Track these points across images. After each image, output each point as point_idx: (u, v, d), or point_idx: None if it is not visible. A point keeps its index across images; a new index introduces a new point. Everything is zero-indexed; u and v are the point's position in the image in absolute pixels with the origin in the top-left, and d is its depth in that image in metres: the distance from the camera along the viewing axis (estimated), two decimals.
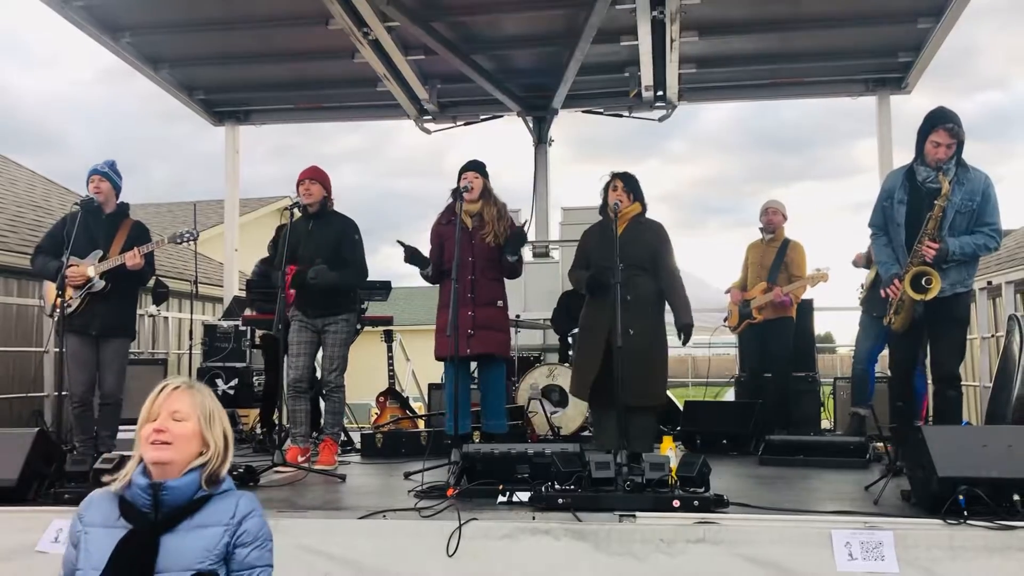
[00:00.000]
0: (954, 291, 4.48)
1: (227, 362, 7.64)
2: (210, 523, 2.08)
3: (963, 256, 4.42)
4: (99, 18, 7.26)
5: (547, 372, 6.93)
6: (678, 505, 3.52)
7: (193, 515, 2.08)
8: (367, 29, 6.89)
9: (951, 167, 4.43)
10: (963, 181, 4.43)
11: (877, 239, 4.77)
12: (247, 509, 2.14)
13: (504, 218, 5.26)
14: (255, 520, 2.14)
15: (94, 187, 5.33)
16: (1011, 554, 3.18)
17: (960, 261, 4.45)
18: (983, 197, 4.42)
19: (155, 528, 2.05)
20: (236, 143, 9.02)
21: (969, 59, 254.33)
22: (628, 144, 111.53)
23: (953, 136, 4.38)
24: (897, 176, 4.70)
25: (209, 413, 2.17)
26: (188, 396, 2.16)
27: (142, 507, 2.08)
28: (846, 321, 12.75)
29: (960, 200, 4.42)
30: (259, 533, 2.14)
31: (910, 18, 7.04)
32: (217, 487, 2.14)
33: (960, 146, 4.43)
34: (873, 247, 4.87)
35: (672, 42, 6.78)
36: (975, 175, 4.46)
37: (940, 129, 4.40)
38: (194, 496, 2.10)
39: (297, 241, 5.35)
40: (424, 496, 3.93)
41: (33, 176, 12.43)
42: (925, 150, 4.47)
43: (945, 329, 4.51)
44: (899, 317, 4.54)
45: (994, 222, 4.43)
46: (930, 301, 4.44)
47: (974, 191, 4.42)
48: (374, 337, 7.32)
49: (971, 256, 4.46)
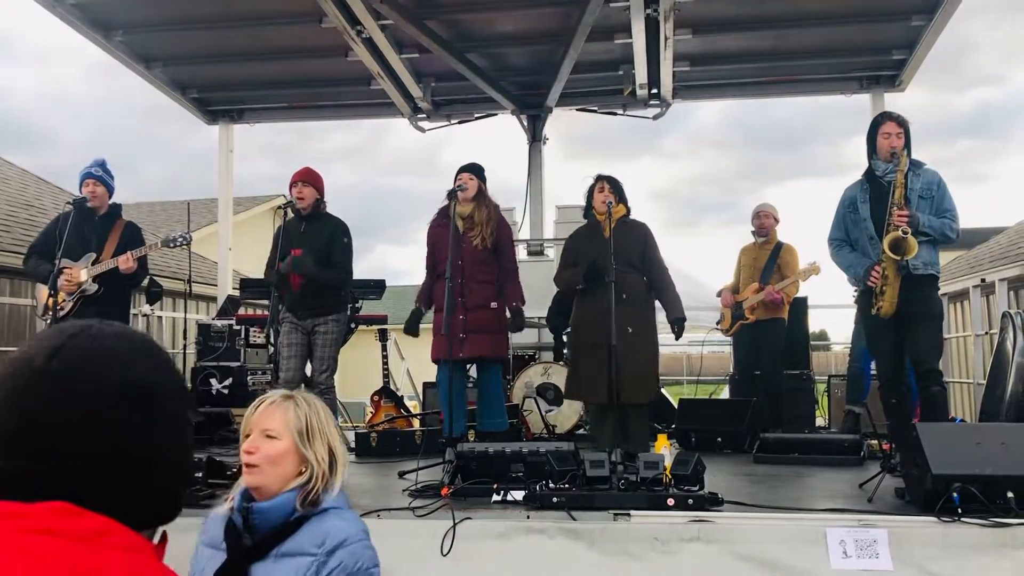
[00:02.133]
0: (927, 271, 4.60)
1: (221, 361, 7.61)
2: (298, 551, 1.85)
3: (931, 230, 4.55)
4: (91, 17, 7.23)
5: (542, 370, 6.92)
6: (673, 503, 3.52)
7: (284, 541, 1.86)
8: (360, 27, 6.88)
9: (906, 156, 4.65)
10: (919, 173, 4.69)
11: (840, 249, 4.89)
12: (341, 537, 1.85)
13: (493, 220, 5.26)
14: (351, 549, 1.85)
15: (89, 191, 5.31)
16: (1005, 552, 3.19)
17: (928, 238, 4.57)
18: (939, 188, 4.66)
19: (248, 554, 1.89)
20: (230, 142, 8.99)
21: (963, 55, 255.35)
22: (622, 142, 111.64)
23: (900, 125, 4.68)
24: (855, 185, 4.89)
25: (307, 428, 1.94)
26: (281, 411, 1.95)
27: (239, 531, 1.92)
28: (840, 319, 12.81)
29: (921, 187, 4.64)
30: (356, 566, 1.84)
31: (904, 16, 7.04)
32: (316, 507, 1.89)
33: (908, 135, 4.68)
34: (837, 258, 4.94)
35: (666, 40, 6.77)
36: (928, 169, 4.74)
37: (887, 121, 4.72)
38: (288, 519, 1.89)
39: (289, 241, 5.34)
40: (418, 495, 3.92)
41: (25, 175, 12.38)
42: (878, 144, 4.73)
43: (921, 325, 4.59)
44: (885, 297, 4.56)
45: (952, 208, 4.65)
46: (907, 287, 4.51)
47: (931, 182, 4.67)
48: (368, 336, 7.30)
49: (938, 233, 4.57)
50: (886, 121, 4.72)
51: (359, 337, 6.90)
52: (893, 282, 4.54)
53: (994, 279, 7.80)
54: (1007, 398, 5.14)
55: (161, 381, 0.93)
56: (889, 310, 4.57)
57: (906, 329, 4.63)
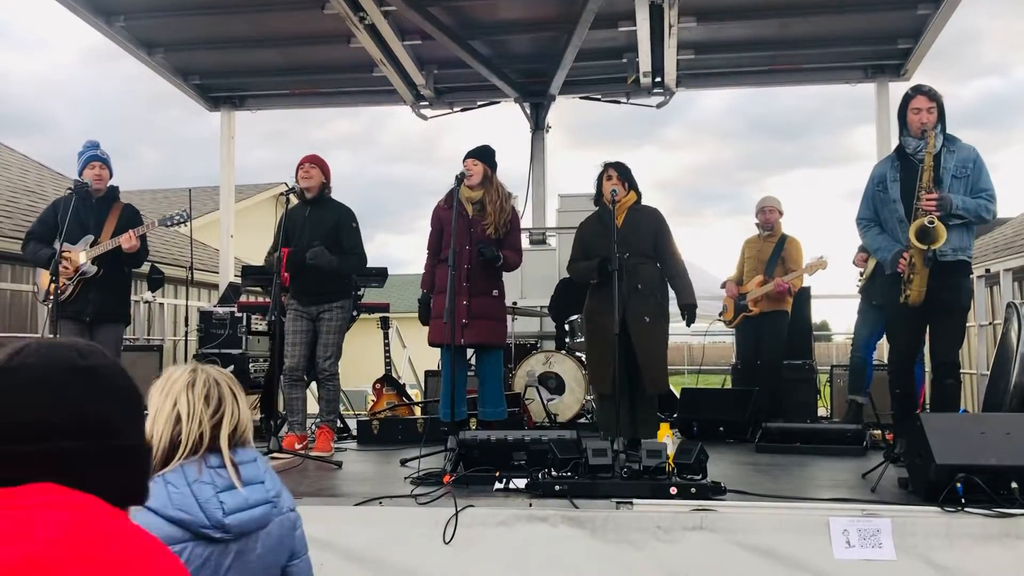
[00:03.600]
0: (956, 257, 4.40)
1: (223, 348, 7.59)
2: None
3: (965, 211, 4.32)
4: (93, 2, 7.19)
5: (544, 359, 6.91)
6: (675, 492, 3.51)
7: None
8: (363, 14, 6.83)
9: (937, 133, 4.44)
10: (953, 149, 4.46)
11: (868, 230, 4.70)
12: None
13: (506, 211, 5.21)
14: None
15: (95, 174, 5.28)
16: (1008, 542, 3.18)
17: (962, 221, 4.36)
18: (975, 165, 4.43)
19: None
20: (231, 129, 8.96)
21: (968, 45, 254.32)
22: (625, 131, 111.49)
23: (932, 99, 4.44)
24: (885, 162, 4.71)
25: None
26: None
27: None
28: (842, 309, 12.78)
29: (955, 166, 4.42)
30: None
31: (909, 4, 7.00)
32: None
33: (942, 110, 4.47)
34: (865, 238, 4.79)
35: (670, 28, 6.73)
36: (964, 145, 4.49)
37: (918, 96, 4.47)
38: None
39: (293, 227, 5.32)
40: (420, 483, 3.91)
41: (26, 161, 12.36)
42: (908, 120, 4.51)
43: (947, 316, 4.46)
44: (913, 286, 4.37)
45: (989, 187, 4.42)
46: (937, 274, 4.33)
47: (966, 159, 4.44)
48: (370, 324, 7.30)
49: (973, 214, 4.35)
50: (917, 95, 4.47)
51: (361, 325, 6.89)
52: (920, 271, 4.33)
53: (998, 269, 7.78)
54: (1011, 389, 5.13)
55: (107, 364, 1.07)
56: (917, 299, 4.38)
57: (931, 318, 4.48)
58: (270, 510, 1.86)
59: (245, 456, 1.88)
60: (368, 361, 8.08)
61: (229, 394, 1.89)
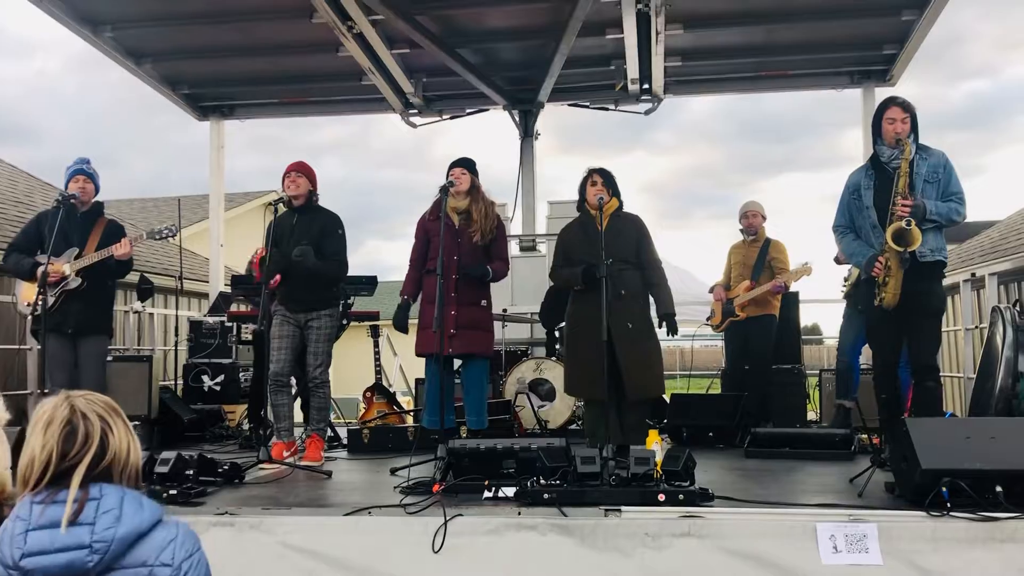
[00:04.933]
0: (934, 257, 4.54)
1: (213, 358, 7.61)
2: None
3: (938, 216, 4.49)
4: (80, 12, 7.19)
5: (534, 366, 6.93)
6: (663, 499, 3.53)
7: None
8: (351, 23, 6.86)
9: (911, 141, 4.58)
10: (926, 156, 4.62)
11: (844, 236, 4.85)
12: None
13: (491, 217, 5.27)
14: None
15: (79, 187, 5.29)
16: (993, 545, 3.20)
17: (935, 224, 4.52)
18: (945, 170, 4.60)
19: None
20: (221, 138, 8.96)
21: (954, 47, 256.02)
22: (614, 135, 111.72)
23: (906, 110, 4.61)
24: (860, 170, 4.84)
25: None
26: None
27: None
28: (833, 313, 12.81)
29: (927, 171, 4.57)
30: None
31: (894, 10, 7.05)
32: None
33: (915, 120, 4.62)
34: (841, 245, 4.93)
35: (657, 35, 6.77)
36: (935, 151, 4.65)
37: (892, 106, 4.64)
38: None
39: (281, 234, 5.33)
40: (410, 492, 3.92)
41: (14, 171, 12.30)
42: (883, 130, 4.67)
43: (922, 321, 4.57)
44: (888, 288, 4.49)
45: (959, 191, 4.59)
46: (913, 274, 4.45)
47: (937, 164, 4.60)
48: (360, 332, 7.30)
49: (945, 218, 4.51)
50: (891, 106, 4.65)
51: (352, 333, 6.89)
52: (896, 273, 4.46)
53: (984, 273, 7.83)
54: (996, 392, 5.16)
55: None
56: (892, 301, 4.50)
57: (906, 323, 4.59)
58: (83, 557, 1.65)
59: (94, 493, 1.71)
60: (359, 369, 8.08)
61: (98, 429, 1.75)
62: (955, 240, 11.10)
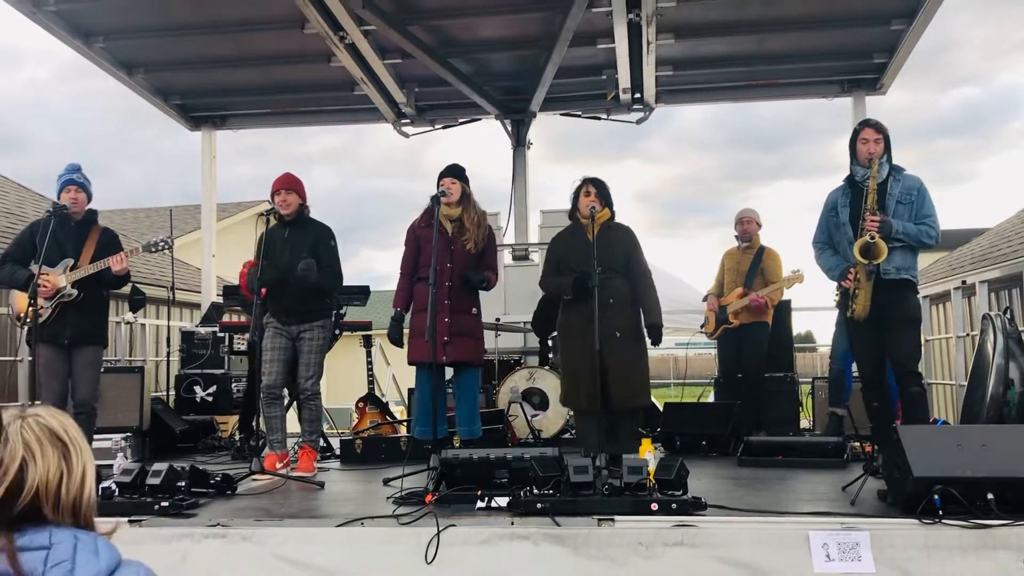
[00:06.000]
0: (899, 275, 4.69)
1: (205, 368, 7.59)
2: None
3: (906, 236, 4.65)
4: (71, 23, 7.19)
5: (527, 375, 6.92)
6: (656, 508, 3.53)
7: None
8: (343, 33, 6.88)
9: (883, 163, 4.76)
10: (899, 178, 4.80)
11: (823, 252, 5.02)
12: None
13: (484, 227, 5.28)
14: None
15: (71, 198, 5.26)
16: (985, 553, 3.21)
17: (903, 244, 4.67)
18: (919, 193, 4.77)
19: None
20: (213, 148, 8.96)
21: (944, 55, 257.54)
22: (606, 144, 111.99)
23: (879, 131, 4.79)
24: (837, 189, 5.01)
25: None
26: None
27: None
28: (826, 321, 12.85)
29: (900, 192, 4.75)
30: None
31: (883, 20, 7.10)
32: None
33: (888, 143, 4.79)
34: (819, 260, 5.06)
35: (648, 45, 6.81)
36: (909, 176, 4.84)
37: (866, 128, 4.83)
38: None
39: (272, 246, 5.31)
40: (403, 502, 3.91)
41: (6, 182, 12.26)
42: (857, 150, 4.84)
43: (898, 329, 4.69)
44: (858, 300, 4.69)
45: (932, 215, 4.75)
46: (882, 290, 4.63)
47: (911, 187, 4.78)
48: (353, 342, 7.29)
49: (914, 239, 4.68)
50: (865, 128, 4.84)
51: (344, 343, 6.88)
52: (865, 285, 4.66)
53: (975, 281, 7.86)
54: (987, 400, 5.18)
55: None
56: (862, 313, 4.69)
57: (883, 332, 4.72)
58: None
59: (42, 541, 1.45)
60: (351, 379, 8.05)
61: (18, 457, 1.48)
62: (946, 248, 11.16)
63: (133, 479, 4.00)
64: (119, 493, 3.96)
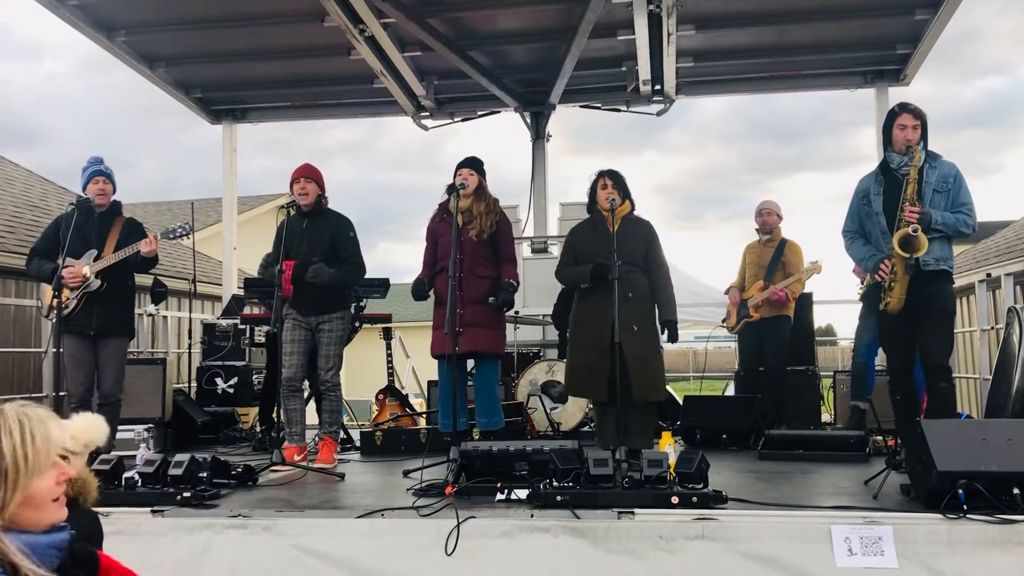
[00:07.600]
0: (938, 266, 4.53)
1: (226, 361, 7.63)
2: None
3: (944, 226, 4.48)
4: (94, 17, 7.24)
5: (546, 368, 6.91)
6: (677, 501, 3.51)
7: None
8: (363, 26, 6.87)
9: (921, 149, 4.56)
10: (935, 165, 4.60)
11: (853, 241, 4.85)
12: None
13: (493, 212, 5.27)
14: None
15: (99, 189, 5.32)
16: (1011, 548, 3.17)
17: (942, 234, 4.51)
18: (956, 180, 4.58)
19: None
20: (233, 141, 8.99)
21: (968, 45, 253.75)
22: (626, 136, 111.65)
23: (917, 117, 4.59)
24: (869, 176, 4.82)
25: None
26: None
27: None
28: (847, 314, 12.74)
29: (936, 180, 4.56)
30: None
31: (907, 10, 7.01)
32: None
33: (925, 127, 4.60)
34: (850, 250, 4.90)
35: (669, 36, 6.75)
36: (945, 162, 4.64)
37: (903, 113, 4.62)
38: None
39: (292, 239, 5.34)
40: (423, 494, 3.92)
41: (30, 176, 12.39)
42: (893, 136, 4.66)
43: (932, 320, 4.55)
44: (893, 293, 4.51)
45: (969, 202, 4.57)
46: (918, 281, 4.45)
47: (947, 174, 4.58)
48: (373, 334, 7.31)
49: (952, 229, 4.51)
50: (902, 113, 4.62)
51: (364, 336, 6.90)
52: (901, 279, 4.47)
53: (1000, 274, 7.76)
54: (1013, 393, 5.12)
55: None
56: (896, 306, 4.52)
57: (917, 324, 4.57)
58: None
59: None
60: (371, 371, 8.08)
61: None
62: (970, 240, 11.03)
63: (156, 470, 4.03)
64: (142, 484, 4.00)
